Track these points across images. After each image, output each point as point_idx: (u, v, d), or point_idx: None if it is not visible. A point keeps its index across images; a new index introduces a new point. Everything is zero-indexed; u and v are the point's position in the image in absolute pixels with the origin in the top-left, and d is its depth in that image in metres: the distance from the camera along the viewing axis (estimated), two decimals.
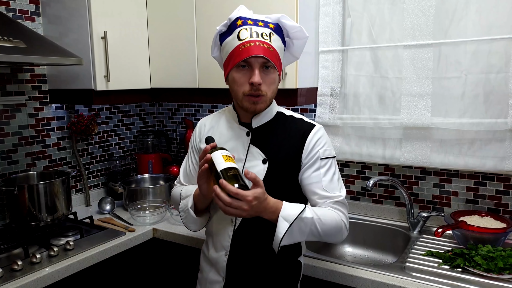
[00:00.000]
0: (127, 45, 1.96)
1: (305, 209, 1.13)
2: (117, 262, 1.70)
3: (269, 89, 1.19)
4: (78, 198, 2.17)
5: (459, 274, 1.34)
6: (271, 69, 1.18)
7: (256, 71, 1.15)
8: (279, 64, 1.21)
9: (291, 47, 1.30)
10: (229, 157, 1.11)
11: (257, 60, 1.15)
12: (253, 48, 1.14)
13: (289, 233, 1.10)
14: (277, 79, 1.22)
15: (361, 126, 1.83)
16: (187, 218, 1.28)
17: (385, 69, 1.76)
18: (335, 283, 1.41)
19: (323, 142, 1.24)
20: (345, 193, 1.24)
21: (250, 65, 1.16)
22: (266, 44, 1.15)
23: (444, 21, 1.63)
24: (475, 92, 1.60)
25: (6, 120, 1.87)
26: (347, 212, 1.23)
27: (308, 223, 1.13)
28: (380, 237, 1.82)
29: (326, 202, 1.20)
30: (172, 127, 2.58)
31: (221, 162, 1.09)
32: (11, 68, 1.87)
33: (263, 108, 1.22)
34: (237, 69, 1.18)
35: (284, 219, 1.10)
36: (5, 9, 1.83)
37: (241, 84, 1.18)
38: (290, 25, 1.22)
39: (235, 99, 1.25)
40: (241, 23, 1.18)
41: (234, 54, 1.17)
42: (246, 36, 1.15)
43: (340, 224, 1.18)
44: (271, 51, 1.16)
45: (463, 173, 1.73)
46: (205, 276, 1.34)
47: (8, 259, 1.50)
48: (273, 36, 1.18)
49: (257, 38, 1.15)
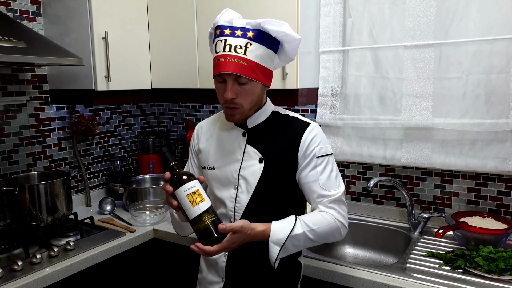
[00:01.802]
0: (128, 45, 1.96)
1: (295, 225, 1.15)
2: (118, 262, 1.70)
3: (245, 101, 1.19)
4: (78, 198, 2.17)
5: (460, 275, 1.33)
6: (246, 82, 1.16)
7: (229, 86, 1.16)
8: (259, 73, 1.17)
9: (283, 49, 1.25)
10: (194, 194, 1.07)
11: (229, 75, 1.15)
12: (223, 64, 1.13)
13: (283, 251, 1.14)
14: (257, 89, 1.20)
15: (362, 127, 1.83)
16: (174, 223, 1.32)
17: (386, 69, 1.76)
18: (335, 284, 1.40)
19: (318, 140, 1.24)
20: (343, 189, 1.25)
21: (224, 79, 1.17)
22: (238, 59, 1.13)
23: (445, 21, 1.63)
24: (476, 93, 1.60)
25: (7, 120, 1.87)
26: (346, 208, 1.23)
27: (301, 238, 1.15)
28: (381, 238, 1.82)
29: (323, 201, 1.20)
30: (173, 127, 2.58)
31: (189, 207, 1.06)
32: (12, 68, 1.87)
33: (241, 119, 1.23)
34: (216, 79, 1.20)
35: (275, 243, 1.13)
36: (6, 9, 1.83)
37: (219, 95, 1.21)
38: (273, 30, 1.15)
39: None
40: (218, 33, 1.17)
41: (213, 65, 1.19)
42: (220, 49, 1.15)
43: (334, 226, 1.19)
44: (244, 65, 1.13)
45: (464, 174, 1.72)
46: (205, 276, 1.34)
47: (9, 259, 1.50)
48: (251, 46, 1.14)
49: (229, 53, 1.13)
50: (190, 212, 1.07)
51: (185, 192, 1.07)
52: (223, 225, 1.06)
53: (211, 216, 1.07)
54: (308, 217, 1.19)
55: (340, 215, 1.20)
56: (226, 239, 1.07)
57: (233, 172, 1.24)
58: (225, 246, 1.08)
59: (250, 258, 1.25)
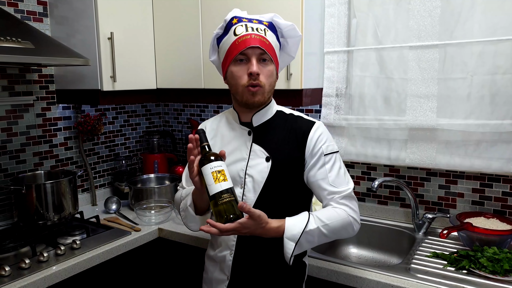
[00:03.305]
0: (133, 45, 1.97)
1: (309, 220, 1.15)
2: (123, 261, 1.72)
3: (267, 81, 1.21)
4: (84, 197, 2.18)
5: (465, 276, 1.33)
6: (268, 61, 1.20)
7: (254, 61, 1.18)
8: (276, 58, 1.23)
9: (286, 47, 1.32)
10: (219, 172, 1.10)
11: (254, 51, 1.17)
12: (250, 40, 1.17)
13: (298, 248, 1.14)
14: (274, 73, 1.23)
15: (366, 127, 1.83)
16: (187, 217, 1.29)
17: (390, 70, 1.76)
18: (339, 284, 1.41)
19: (325, 138, 1.25)
20: (353, 185, 1.26)
21: (248, 57, 1.18)
22: (262, 37, 1.19)
23: (449, 22, 1.62)
24: (481, 93, 1.59)
25: (14, 120, 1.89)
26: (356, 204, 1.25)
27: (315, 234, 1.15)
28: (385, 238, 1.82)
29: (334, 198, 1.22)
30: (178, 127, 2.59)
31: (212, 183, 1.09)
32: (19, 68, 1.89)
33: (262, 101, 1.22)
34: (235, 63, 1.20)
35: (290, 239, 1.13)
36: (14, 10, 1.85)
37: (240, 77, 1.20)
38: (283, 23, 1.26)
39: (234, 94, 1.26)
40: (236, 21, 1.22)
41: (231, 49, 1.19)
42: (242, 31, 1.19)
43: (348, 220, 1.20)
44: (267, 43, 1.19)
45: (469, 174, 1.72)
46: (210, 275, 1.35)
47: (16, 258, 1.52)
48: (268, 32, 1.22)
49: (252, 32, 1.18)
50: (211, 188, 1.09)
51: (211, 169, 1.10)
52: (243, 203, 1.06)
53: (230, 196, 1.09)
54: (321, 212, 1.19)
55: (352, 210, 1.22)
56: (239, 221, 1.06)
57: (239, 171, 1.25)
58: (236, 228, 1.06)
59: (256, 257, 1.26)
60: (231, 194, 1.10)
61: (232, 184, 1.12)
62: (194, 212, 1.26)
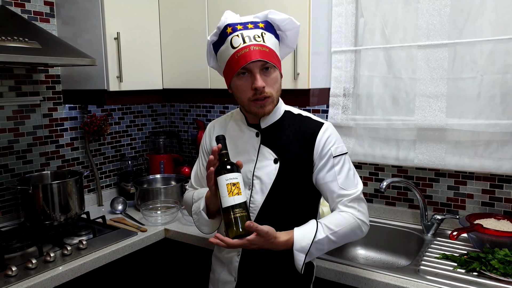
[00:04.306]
0: (140, 46, 1.97)
1: (317, 230, 1.15)
2: (129, 261, 1.71)
3: (273, 89, 1.18)
4: (90, 198, 2.18)
5: (475, 278, 1.31)
6: (271, 69, 1.17)
7: (257, 75, 1.14)
8: (278, 61, 1.20)
9: (285, 39, 1.27)
10: (234, 185, 1.09)
11: (255, 64, 1.14)
12: (249, 53, 1.12)
13: (308, 257, 1.15)
14: (279, 77, 1.21)
15: (374, 127, 1.81)
16: (200, 220, 1.28)
17: (399, 69, 1.74)
18: (347, 285, 1.39)
19: (334, 140, 1.24)
20: (362, 186, 1.25)
21: (250, 71, 1.15)
22: (261, 46, 1.13)
23: (459, 21, 1.60)
24: (491, 93, 1.57)
25: (21, 120, 1.89)
26: (365, 205, 1.24)
27: (324, 242, 1.16)
28: (393, 240, 1.80)
29: (343, 201, 1.21)
30: (184, 127, 2.59)
31: (225, 196, 1.09)
32: (26, 69, 1.90)
33: (272, 109, 1.21)
34: (237, 77, 1.17)
35: (299, 251, 1.14)
36: (20, 10, 1.86)
37: (244, 91, 1.17)
38: (279, 19, 1.20)
39: (241, 106, 1.26)
40: (231, 30, 1.16)
41: (232, 63, 1.15)
42: (239, 43, 1.14)
43: (355, 224, 1.19)
44: (267, 51, 1.14)
45: (479, 175, 1.70)
46: (217, 276, 1.34)
47: (23, 258, 1.52)
48: (266, 35, 1.17)
49: (250, 43, 1.13)
50: (224, 200, 1.09)
51: (226, 180, 1.09)
52: (251, 222, 1.06)
53: (242, 211, 1.08)
54: (328, 219, 1.19)
55: (360, 213, 1.21)
56: (248, 238, 1.07)
57: (247, 172, 1.24)
58: (244, 244, 1.08)
59: (264, 259, 1.25)
60: (243, 209, 1.09)
61: (246, 198, 1.12)
62: (207, 216, 1.25)
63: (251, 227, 1.06)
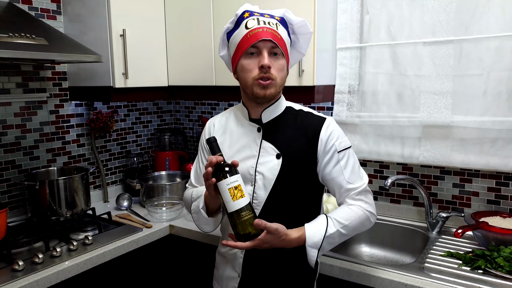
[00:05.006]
0: (145, 43, 1.98)
1: (328, 225, 1.16)
2: (134, 257, 1.72)
3: (278, 74, 1.19)
4: (96, 194, 2.20)
5: (480, 275, 1.31)
6: (279, 55, 1.19)
7: (265, 54, 1.16)
8: (287, 53, 1.22)
9: (296, 43, 1.31)
10: (236, 189, 1.08)
11: (265, 44, 1.16)
12: (261, 33, 1.16)
13: (321, 252, 1.17)
14: (285, 68, 1.22)
15: (379, 124, 1.81)
16: (199, 219, 1.28)
17: (404, 66, 1.74)
18: (352, 282, 1.39)
19: (337, 135, 1.24)
20: (367, 179, 1.26)
21: (259, 50, 1.17)
22: (274, 31, 1.17)
23: (465, 17, 1.59)
24: (497, 90, 1.56)
25: (28, 116, 1.91)
26: (371, 196, 1.26)
27: (335, 236, 1.17)
28: (397, 237, 1.80)
29: (350, 194, 1.22)
30: (189, 125, 2.59)
31: (229, 201, 1.07)
32: (33, 66, 1.91)
33: (273, 94, 1.20)
34: (245, 57, 1.19)
35: (312, 247, 1.15)
36: (28, 7, 1.87)
37: (250, 70, 1.18)
38: (294, 19, 1.25)
39: (244, 88, 1.25)
40: (248, 15, 1.21)
41: (243, 42, 1.18)
42: (253, 24, 1.17)
43: (364, 216, 1.21)
44: (278, 37, 1.17)
45: (484, 172, 1.69)
46: (221, 272, 1.35)
47: (30, 252, 1.54)
48: (280, 26, 1.21)
49: (264, 25, 1.17)
50: (229, 205, 1.08)
51: (228, 185, 1.08)
52: (259, 220, 1.06)
53: (249, 213, 1.08)
54: (338, 213, 1.20)
55: (368, 204, 1.23)
56: (259, 238, 1.07)
57: (249, 168, 1.24)
58: (257, 244, 1.08)
59: (268, 254, 1.25)
60: (249, 210, 1.08)
61: (249, 198, 1.12)
62: (207, 214, 1.25)
63: (260, 225, 1.06)
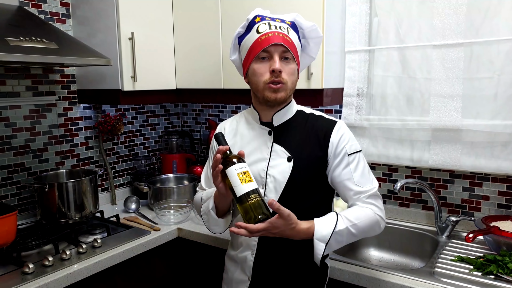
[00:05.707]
0: (154, 46, 1.98)
1: (337, 221, 1.15)
2: (143, 260, 1.72)
3: (289, 78, 1.20)
4: (104, 196, 2.21)
5: (492, 281, 1.29)
6: (290, 60, 1.20)
7: (277, 58, 1.17)
8: (297, 58, 1.23)
9: (307, 48, 1.31)
10: (244, 174, 1.10)
11: (276, 49, 1.17)
12: (273, 37, 1.17)
13: (328, 248, 1.14)
14: (296, 71, 1.23)
15: (389, 128, 1.80)
16: (209, 220, 1.29)
17: (413, 69, 1.73)
18: (361, 287, 1.38)
19: (347, 138, 1.24)
20: (377, 183, 1.25)
21: (270, 55, 1.18)
22: (285, 35, 1.18)
23: (475, 20, 1.58)
24: (508, 93, 1.55)
25: (37, 119, 1.92)
26: (381, 201, 1.25)
27: (344, 233, 1.15)
28: (406, 241, 1.78)
29: (360, 198, 1.21)
30: (196, 127, 2.60)
31: (238, 185, 1.09)
32: (42, 69, 1.92)
33: (284, 97, 1.21)
34: (257, 61, 1.20)
35: (320, 240, 1.13)
36: (37, 11, 1.88)
37: (262, 74, 1.19)
38: (305, 23, 1.25)
39: (255, 92, 1.25)
40: (259, 19, 1.22)
41: (254, 46, 1.19)
42: (265, 29, 1.19)
43: (375, 219, 1.20)
44: (289, 42, 1.19)
45: (495, 176, 1.67)
46: (231, 276, 1.34)
47: (39, 255, 1.55)
48: (290, 31, 1.22)
49: (275, 30, 1.18)
50: (238, 189, 1.09)
51: (236, 170, 1.10)
52: (273, 200, 1.05)
53: (257, 196, 1.09)
54: (349, 212, 1.19)
55: (378, 209, 1.22)
56: (269, 220, 1.06)
57: (260, 171, 1.24)
58: (266, 228, 1.06)
59: (278, 258, 1.25)
60: (258, 194, 1.09)
61: (257, 185, 1.12)
62: (216, 215, 1.25)
63: (273, 205, 1.05)
